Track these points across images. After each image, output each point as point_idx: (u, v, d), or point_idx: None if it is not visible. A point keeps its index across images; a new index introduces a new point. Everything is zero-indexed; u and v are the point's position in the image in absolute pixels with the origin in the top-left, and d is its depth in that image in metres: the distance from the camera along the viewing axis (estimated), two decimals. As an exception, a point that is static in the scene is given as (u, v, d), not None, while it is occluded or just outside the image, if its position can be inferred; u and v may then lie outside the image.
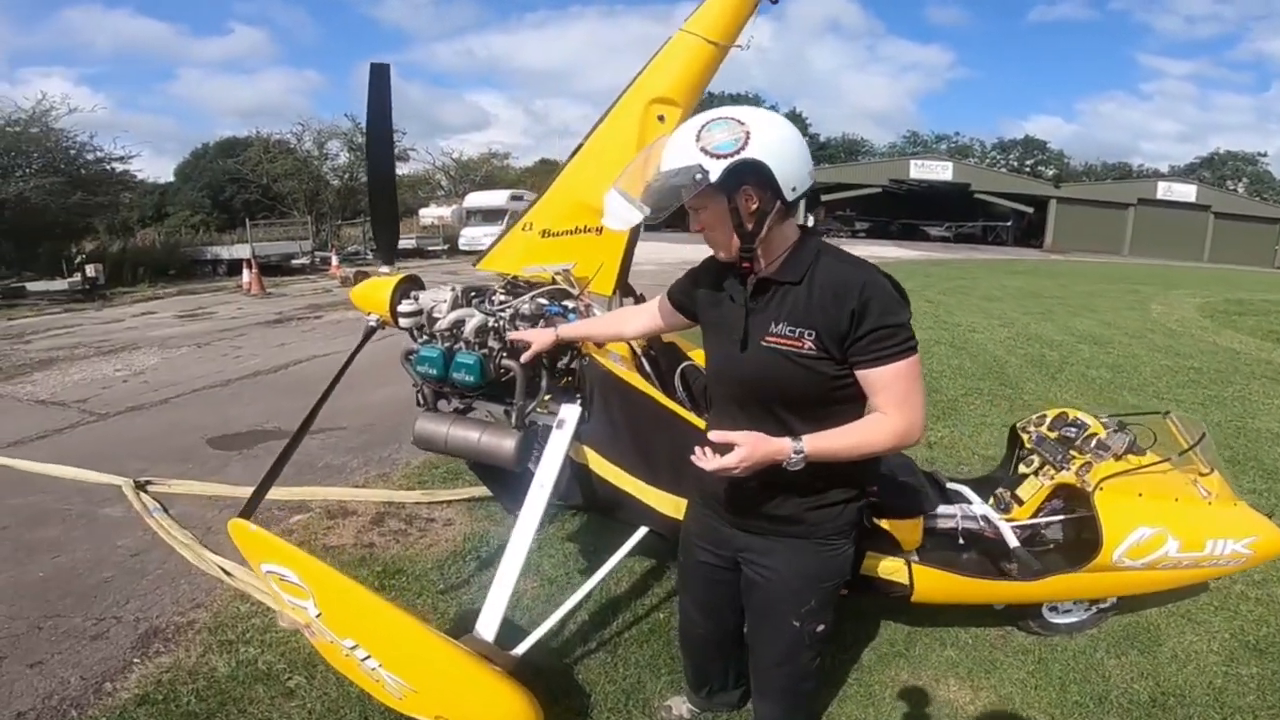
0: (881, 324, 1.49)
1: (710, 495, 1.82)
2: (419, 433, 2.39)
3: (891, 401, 1.53)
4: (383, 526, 3.76)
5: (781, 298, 1.58)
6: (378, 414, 5.68)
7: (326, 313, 11.84)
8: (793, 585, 1.75)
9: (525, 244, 2.59)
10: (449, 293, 2.43)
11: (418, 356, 2.28)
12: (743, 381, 1.64)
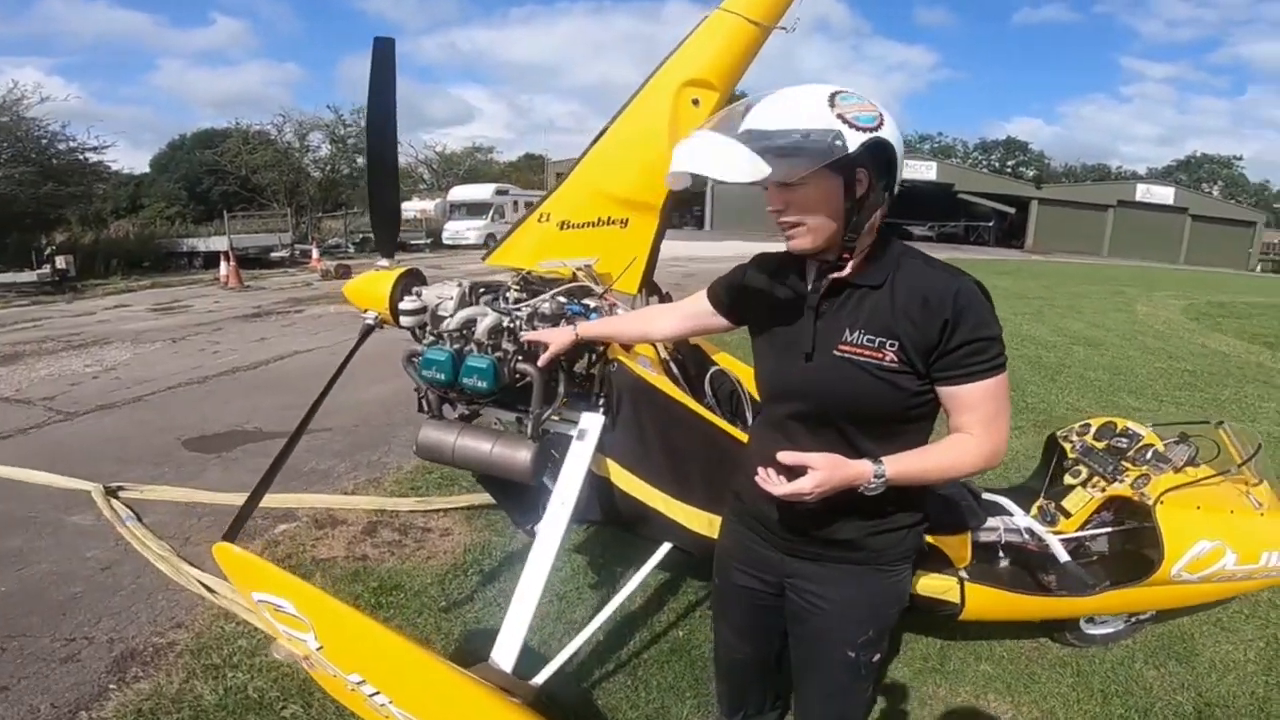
0: (975, 336, 1.33)
1: (755, 516, 1.64)
2: (423, 442, 2.18)
3: (979, 421, 1.37)
4: (376, 537, 3.54)
5: (858, 303, 1.41)
6: (365, 414, 5.45)
7: (307, 307, 11.52)
8: (851, 615, 1.58)
9: (542, 237, 2.38)
10: (456, 289, 2.22)
11: (423, 359, 2.07)
12: (808, 395, 1.45)
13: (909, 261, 1.41)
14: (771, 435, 1.53)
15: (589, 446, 2.09)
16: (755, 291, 1.60)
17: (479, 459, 2.13)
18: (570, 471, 2.07)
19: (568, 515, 2.03)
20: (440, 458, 2.19)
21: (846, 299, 1.42)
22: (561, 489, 2.06)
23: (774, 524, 1.59)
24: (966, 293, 1.34)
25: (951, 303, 1.32)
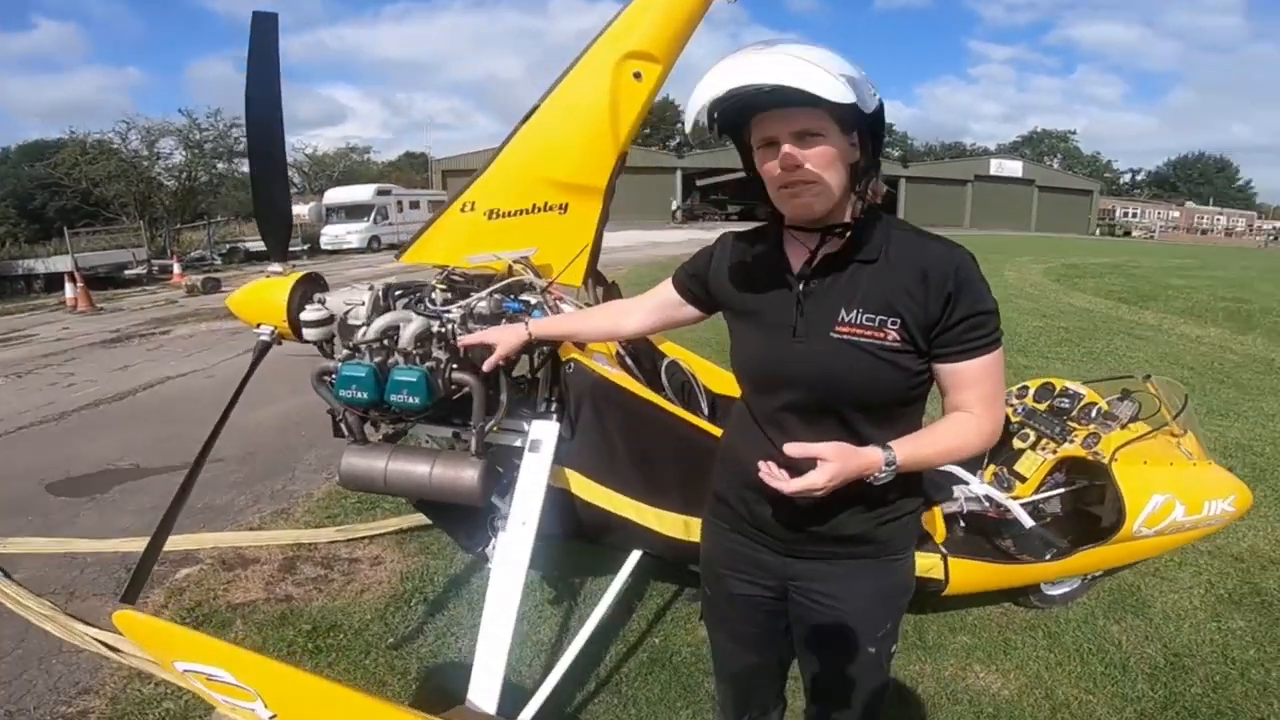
0: (975, 310, 1.26)
1: (746, 519, 1.51)
2: (348, 471, 1.92)
3: (979, 399, 1.31)
4: (296, 574, 3.18)
5: (852, 279, 1.31)
6: (259, 440, 4.96)
7: (174, 327, 10.45)
8: (867, 611, 1.48)
9: (466, 228, 2.14)
10: (367, 293, 1.96)
11: (339, 377, 1.80)
12: (805, 383, 1.33)
13: (900, 233, 1.32)
14: (762, 429, 1.41)
15: (545, 458, 1.90)
16: (730, 275, 1.47)
17: (418, 484, 1.89)
18: (527, 487, 1.87)
19: (530, 536, 1.83)
20: (371, 487, 1.94)
21: (838, 276, 1.32)
22: (519, 508, 1.86)
23: (770, 525, 1.47)
24: (965, 265, 1.27)
25: (953, 276, 1.25)
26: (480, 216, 2.12)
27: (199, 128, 24.06)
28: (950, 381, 1.31)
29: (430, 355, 1.86)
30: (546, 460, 1.89)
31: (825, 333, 1.29)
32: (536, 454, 1.91)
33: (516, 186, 2.11)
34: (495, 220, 2.12)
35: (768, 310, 1.37)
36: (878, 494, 1.34)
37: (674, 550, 2.02)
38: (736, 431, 1.52)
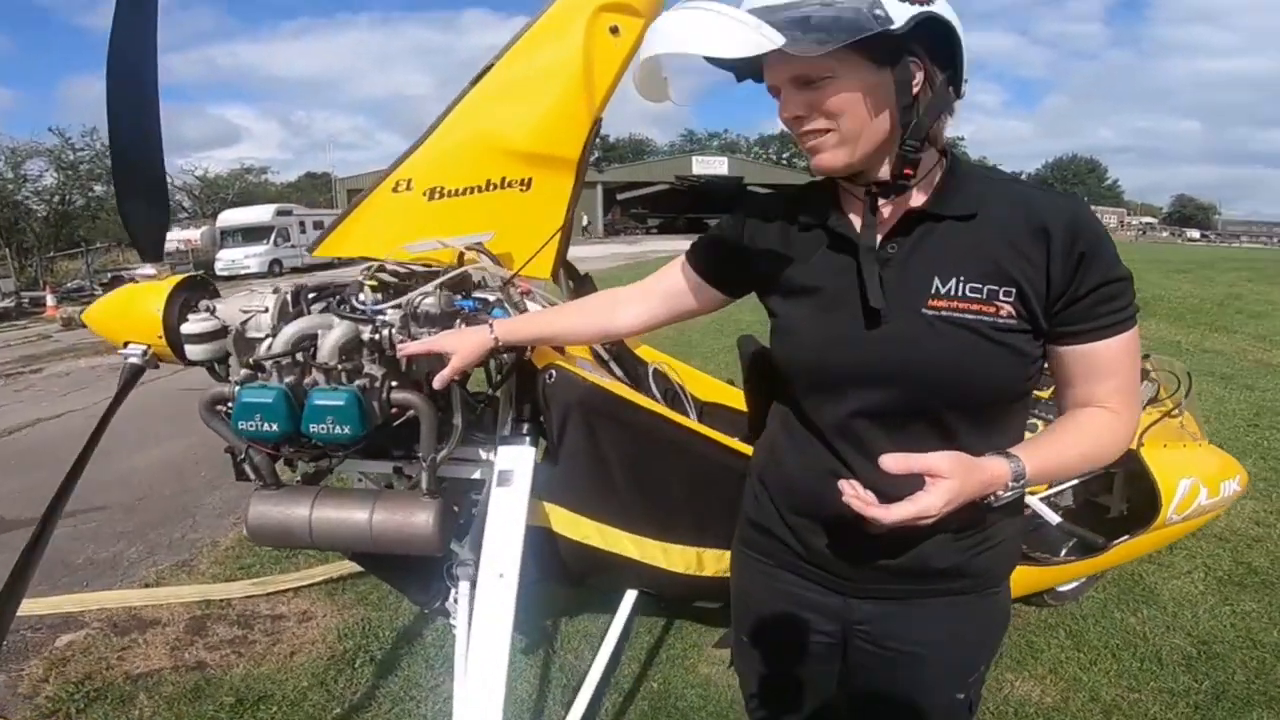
0: (1111, 277, 0.98)
1: (798, 552, 1.21)
2: (258, 524, 1.49)
3: (1118, 390, 1.03)
4: (208, 636, 2.67)
5: (943, 242, 1.02)
6: (150, 484, 4.33)
7: (48, 364, 9.31)
8: (958, 657, 1.21)
9: (402, 212, 1.73)
10: (271, 297, 1.53)
11: (238, 405, 1.38)
12: (886, 376, 1.04)
13: (995, 183, 1.05)
14: (825, 442, 1.12)
15: (520, 492, 1.52)
16: (772, 243, 1.16)
17: (354, 535, 1.49)
18: (502, 530, 1.49)
19: (512, 590, 1.44)
20: (290, 540, 1.52)
21: (922, 238, 1.03)
22: (494, 557, 1.47)
23: (830, 560, 1.17)
24: (1092, 220, 1.00)
25: (1083, 233, 0.97)
26: (418, 197, 1.73)
27: (73, 148, 21.94)
28: (1080, 369, 1.02)
29: (361, 371, 1.45)
30: (523, 494, 1.51)
31: (915, 309, 1.01)
32: (509, 488, 1.53)
33: (465, 159, 1.73)
34: (438, 201, 1.73)
35: (829, 286, 1.08)
36: (974, 515, 1.05)
37: (681, 588, 1.70)
38: (783, 446, 1.21)
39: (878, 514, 0.92)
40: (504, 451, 1.56)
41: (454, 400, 1.53)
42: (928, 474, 0.91)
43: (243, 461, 1.51)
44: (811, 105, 0.99)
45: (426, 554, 1.53)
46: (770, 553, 1.26)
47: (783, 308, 1.15)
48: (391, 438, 1.56)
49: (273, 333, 1.49)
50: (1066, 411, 1.06)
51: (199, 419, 1.48)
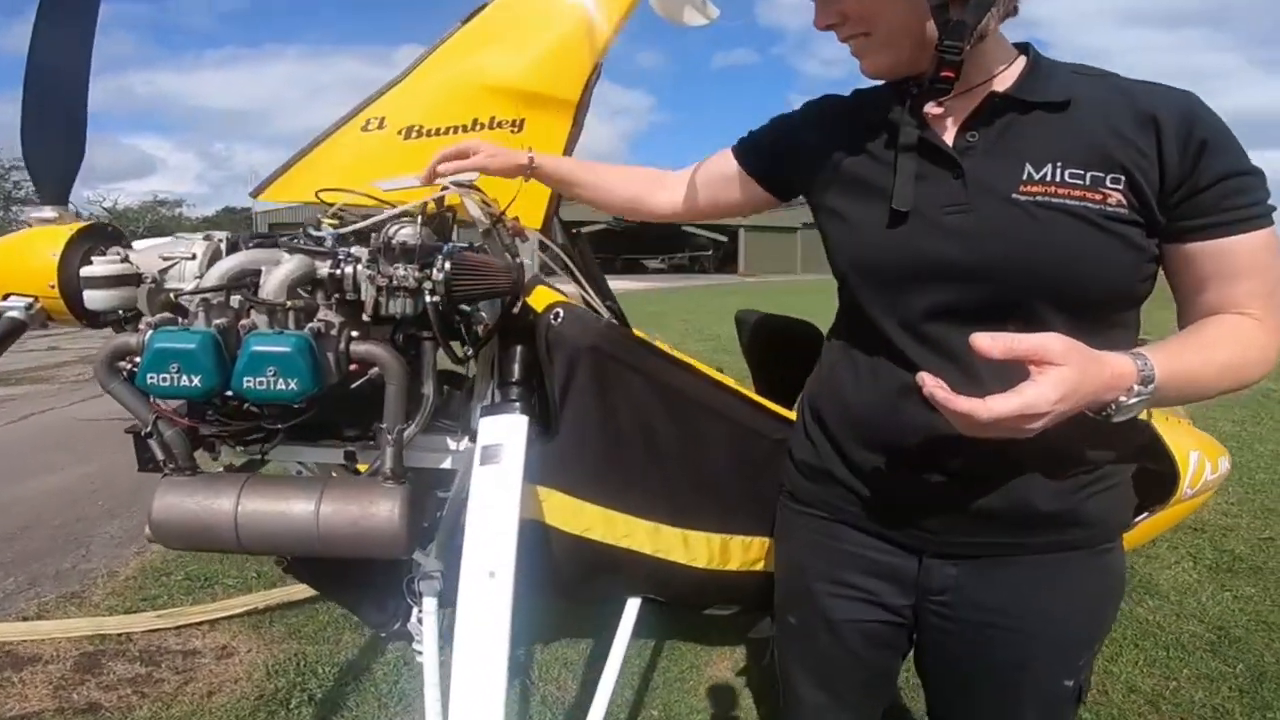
0: (1238, 169, 0.85)
1: (864, 496, 1.02)
2: (165, 517, 1.17)
3: (1259, 293, 0.87)
4: (102, 674, 2.24)
5: (1030, 130, 0.90)
6: (36, 513, 3.78)
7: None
8: (1067, 631, 1.00)
9: (373, 150, 1.49)
10: (200, 243, 1.25)
11: (150, 355, 1.07)
12: (972, 264, 0.89)
13: (1089, 75, 0.93)
14: (898, 354, 0.95)
15: (512, 468, 1.22)
16: (832, 138, 1.05)
17: (295, 531, 1.17)
18: (489, 517, 1.18)
19: (508, 591, 1.13)
20: (209, 539, 1.19)
21: (1008, 126, 0.92)
22: (481, 551, 1.15)
23: (904, 504, 0.99)
24: (1209, 112, 0.87)
25: (1200, 120, 0.85)
26: (392, 135, 1.50)
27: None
28: (1211, 268, 0.87)
29: (314, 314, 1.18)
30: (516, 471, 1.22)
31: (1004, 196, 0.88)
32: (497, 465, 1.22)
33: (451, 96, 1.52)
34: (416, 140, 1.50)
35: (898, 173, 0.95)
36: (1078, 450, 0.91)
37: (697, 588, 1.45)
38: (844, 370, 1.05)
39: (971, 407, 0.71)
40: (488, 423, 1.27)
41: (425, 363, 1.26)
42: (1036, 358, 0.72)
43: (148, 437, 1.19)
44: (843, 12, 0.94)
45: (387, 555, 1.22)
46: (827, 503, 1.07)
47: (842, 204, 1.02)
48: (344, 410, 1.25)
49: (200, 274, 1.20)
50: (1194, 323, 0.90)
51: (97, 449, 1.18)
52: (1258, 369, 0.87)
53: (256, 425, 1.22)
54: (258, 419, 1.21)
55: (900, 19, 0.91)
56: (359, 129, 1.51)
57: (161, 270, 1.23)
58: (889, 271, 0.96)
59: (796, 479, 1.13)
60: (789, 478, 1.15)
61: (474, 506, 1.20)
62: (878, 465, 0.99)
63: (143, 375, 1.08)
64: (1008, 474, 0.92)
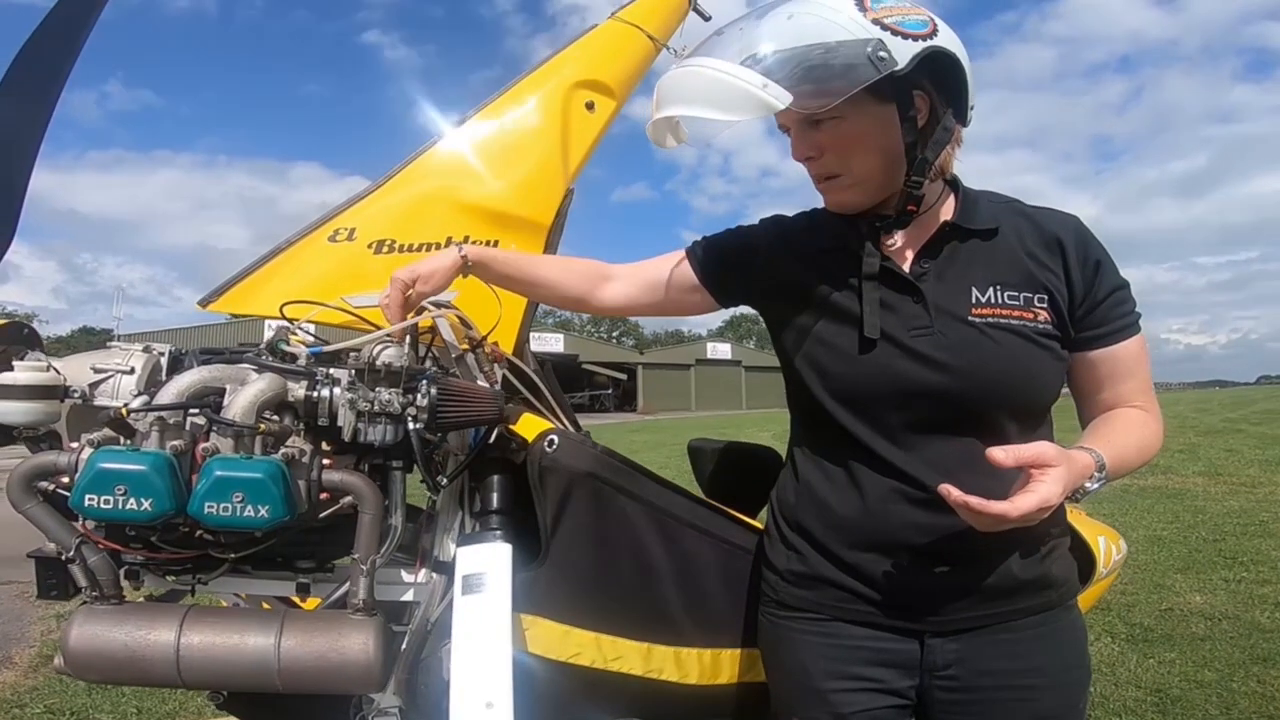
0: (1120, 283, 1.08)
1: (860, 593, 1.10)
2: (87, 649, 1.03)
3: (1141, 389, 1.10)
4: None
5: (968, 256, 1.08)
6: None
7: None
8: (1069, 678, 1.11)
9: (339, 264, 1.43)
10: (141, 355, 1.14)
11: (91, 476, 0.95)
12: (944, 381, 1.03)
13: (998, 202, 1.13)
14: (883, 464, 1.06)
15: (498, 595, 1.16)
16: (794, 258, 1.17)
17: (250, 668, 1.05)
18: (478, 647, 1.12)
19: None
20: (142, 674, 1.05)
21: (952, 254, 1.08)
22: (473, 683, 1.09)
23: (903, 593, 1.07)
24: (1091, 233, 1.10)
25: (1090, 243, 1.07)
26: (361, 248, 1.46)
27: None
28: (1105, 371, 1.08)
29: (285, 438, 1.09)
30: (503, 598, 1.16)
31: (962, 317, 1.04)
32: (480, 594, 1.17)
33: (424, 213, 1.51)
34: (387, 255, 1.46)
35: (864, 300, 1.08)
36: (1040, 527, 1.00)
37: (687, 706, 1.36)
38: (822, 482, 1.14)
39: (1003, 509, 0.87)
40: (468, 552, 1.22)
41: (394, 492, 1.18)
42: (1038, 463, 0.89)
43: (69, 561, 1.04)
44: (821, 146, 1.05)
45: (361, 691, 1.17)
46: (822, 605, 1.13)
47: (813, 327, 1.13)
48: (297, 541, 1.15)
49: (150, 389, 1.10)
50: (1096, 418, 1.10)
51: None
52: (1157, 446, 1.09)
53: (201, 555, 1.09)
54: (205, 547, 1.08)
55: (871, 163, 1.04)
56: (325, 239, 1.46)
57: (92, 384, 1.11)
58: (867, 392, 1.07)
59: (784, 587, 1.17)
60: (772, 588, 1.20)
61: (460, 637, 1.13)
62: (871, 563, 1.07)
63: (78, 496, 0.95)
64: (991, 555, 1.04)
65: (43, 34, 1.20)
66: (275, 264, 1.43)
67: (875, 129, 1.02)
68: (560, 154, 1.61)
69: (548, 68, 1.66)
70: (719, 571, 1.35)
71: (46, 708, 2.58)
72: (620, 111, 1.76)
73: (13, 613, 4.15)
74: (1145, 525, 5.71)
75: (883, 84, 0.95)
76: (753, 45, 0.97)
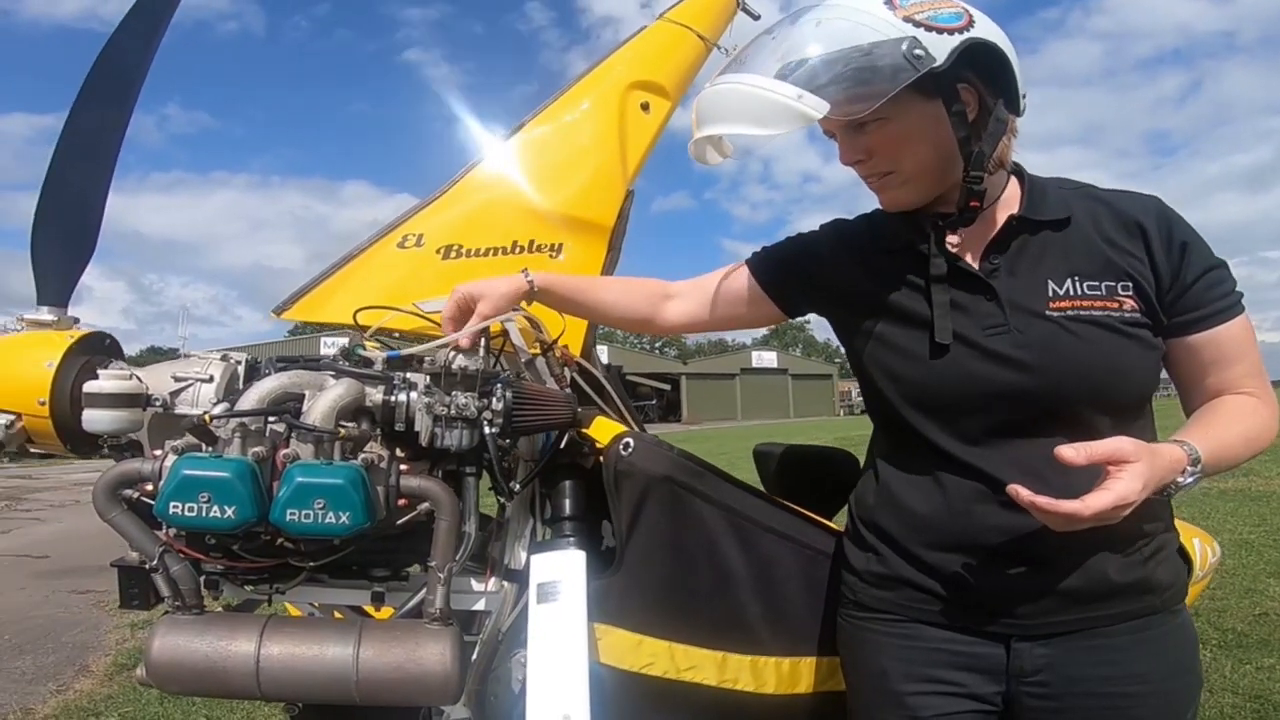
0: (1214, 263, 1.01)
1: (940, 594, 1.06)
2: (169, 659, 1.03)
3: (1252, 374, 1.02)
4: None
5: (1041, 248, 1.04)
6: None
7: None
8: (1174, 687, 1.04)
9: (409, 269, 1.45)
10: (218, 363, 1.15)
11: (175, 483, 0.95)
12: (1022, 382, 0.99)
13: (1070, 189, 1.08)
14: (961, 464, 1.03)
15: (573, 604, 1.13)
16: (858, 263, 1.15)
17: (329, 679, 1.04)
18: (555, 657, 1.09)
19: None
20: (221, 685, 1.05)
21: (1022, 248, 1.04)
22: (550, 695, 1.05)
23: (987, 595, 1.03)
24: (1176, 213, 1.03)
25: (1174, 224, 1.01)
26: (430, 254, 1.47)
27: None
28: (1208, 356, 1.01)
29: (364, 444, 1.09)
30: (579, 607, 1.13)
31: (1039, 312, 1.00)
32: (555, 603, 1.14)
33: (489, 217, 1.52)
34: (455, 260, 1.47)
35: (934, 303, 1.05)
36: (1136, 527, 0.99)
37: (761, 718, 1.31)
38: (901, 484, 1.11)
39: (1074, 508, 0.83)
40: (541, 560, 1.19)
41: (468, 499, 1.17)
42: (1113, 459, 0.85)
43: (153, 570, 1.04)
44: (869, 149, 1.03)
45: (437, 702, 1.15)
46: (902, 606, 1.10)
47: (885, 332, 1.10)
48: (373, 549, 1.15)
49: (231, 397, 1.11)
50: (1200, 407, 1.04)
51: (2, 582, 1.04)
52: (1268, 436, 1.01)
53: (281, 564, 1.09)
54: (285, 555, 1.08)
55: (922, 159, 1.01)
56: (394, 245, 1.48)
57: (173, 392, 1.12)
58: (945, 397, 1.03)
59: (862, 588, 1.15)
60: (851, 589, 1.18)
61: (536, 647, 1.11)
62: (952, 564, 1.04)
63: (163, 504, 0.96)
64: (1081, 556, 0.99)
65: (115, 46, 1.25)
66: (346, 271, 1.44)
67: (922, 126, 1.00)
68: (619, 155, 1.61)
69: (600, 71, 1.66)
70: (798, 576, 1.30)
71: (121, 716, 2.68)
72: (676, 107, 1.77)
73: (90, 621, 4.32)
74: (1230, 529, 5.48)
75: (925, 81, 0.93)
76: (786, 55, 0.96)
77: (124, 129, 1.27)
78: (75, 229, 1.25)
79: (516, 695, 1.29)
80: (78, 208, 1.24)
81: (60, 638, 3.91)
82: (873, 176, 1.06)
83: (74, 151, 1.23)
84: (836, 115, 0.94)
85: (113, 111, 1.25)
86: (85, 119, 1.23)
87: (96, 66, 1.24)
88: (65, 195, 1.23)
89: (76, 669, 3.39)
